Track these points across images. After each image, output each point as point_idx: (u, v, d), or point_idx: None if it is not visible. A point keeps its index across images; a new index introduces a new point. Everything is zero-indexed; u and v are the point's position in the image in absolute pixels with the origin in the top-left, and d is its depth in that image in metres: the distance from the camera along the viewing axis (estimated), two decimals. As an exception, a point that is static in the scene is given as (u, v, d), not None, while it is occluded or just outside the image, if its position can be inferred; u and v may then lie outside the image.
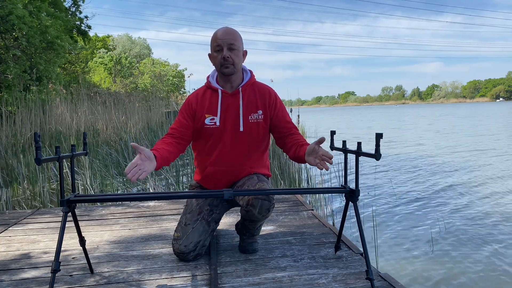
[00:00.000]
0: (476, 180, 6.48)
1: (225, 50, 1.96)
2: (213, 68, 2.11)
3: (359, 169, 1.82)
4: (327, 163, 1.72)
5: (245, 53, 2.08)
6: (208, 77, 2.14)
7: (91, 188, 4.64)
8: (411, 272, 3.03)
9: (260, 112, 2.08)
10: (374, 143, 1.64)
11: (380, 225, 4.17)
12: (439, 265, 3.15)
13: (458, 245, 3.58)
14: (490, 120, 25.73)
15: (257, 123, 2.07)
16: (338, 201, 4.98)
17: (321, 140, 1.69)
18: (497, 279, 2.90)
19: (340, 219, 2.31)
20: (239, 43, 2.00)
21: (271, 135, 2.20)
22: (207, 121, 2.05)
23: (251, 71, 2.14)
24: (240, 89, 2.06)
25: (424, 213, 4.60)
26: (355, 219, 1.76)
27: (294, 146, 1.97)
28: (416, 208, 4.85)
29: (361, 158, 1.82)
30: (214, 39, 1.99)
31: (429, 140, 13.72)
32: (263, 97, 2.09)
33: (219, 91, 2.05)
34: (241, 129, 2.04)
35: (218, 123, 2.04)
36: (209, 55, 2.07)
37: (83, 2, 13.09)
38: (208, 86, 2.10)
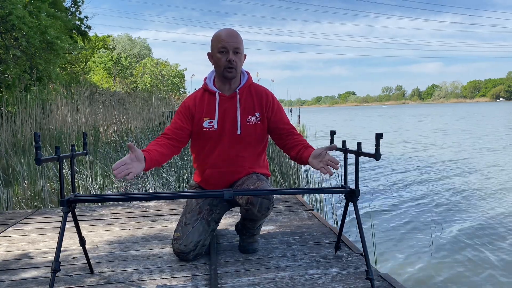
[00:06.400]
0: (476, 180, 6.48)
1: (231, 54, 1.96)
2: (211, 68, 2.11)
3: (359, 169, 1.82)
4: (331, 169, 1.74)
5: (244, 57, 2.08)
6: (205, 79, 2.13)
7: (91, 188, 4.65)
8: (411, 272, 3.03)
9: (258, 114, 2.08)
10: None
11: (380, 225, 4.17)
12: (439, 265, 3.15)
13: (458, 245, 3.58)
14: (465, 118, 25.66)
15: (254, 125, 2.07)
16: (338, 201, 4.98)
17: (332, 147, 1.74)
18: (497, 279, 2.90)
19: (340, 219, 2.31)
20: (242, 47, 2.00)
21: (269, 136, 2.20)
22: (205, 124, 2.05)
23: (248, 73, 2.14)
24: (237, 92, 2.06)
25: (424, 213, 4.60)
26: (355, 219, 1.76)
27: (297, 147, 1.97)
28: (416, 208, 4.85)
29: (360, 158, 1.82)
30: (219, 39, 1.97)
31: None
32: (260, 99, 2.09)
33: (217, 94, 2.05)
34: (239, 132, 2.04)
35: (216, 126, 2.04)
36: (208, 54, 2.06)
37: (82, 3, 13.12)
38: (205, 88, 2.09)
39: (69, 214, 1.68)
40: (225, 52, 1.96)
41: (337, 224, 4.15)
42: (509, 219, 4.31)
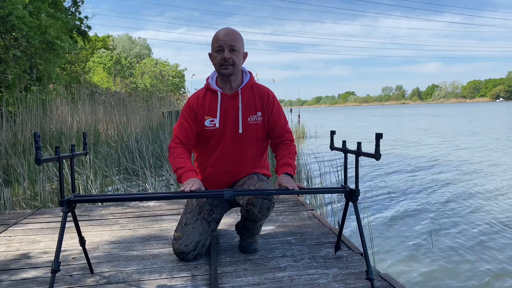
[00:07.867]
0: (477, 180, 6.48)
1: (226, 51, 1.97)
2: (213, 68, 2.12)
3: (359, 169, 1.82)
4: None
5: (245, 55, 2.09)
6: (207, 78, 2.14)
7: (91, 188, 4.65)
8: (411, 272, 3.03)
9: (259, 114, 2.09)
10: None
11: (380, 225, 4.17)
12: (439, 265, 3.15)
13: (458, 245, 3.58)
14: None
15: (256, 124, 2.08)
16: (338, 201, 4.98)
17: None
18: (496, 279, 2.90)
19: (340, 219, 2.31)
20: (240, 44, 2.00)
21: None
22: (206, 123, 2.06)
23: (250, 73, 2.15)
24: (239, 91, 2.07)
25: (423, 213, 4.60)
26: (355, 219, 1.76)
27: (278, 163, 2.07)
28: (415, 208, 4.85)
29: (360, 158, 1.82)
30: (216, 39, 2.00)
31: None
32: (262, 99, 2.10)
33: (219, 93, 2.06)
34: (240, 130, 2.05)
35: (217, 125, 2.05)
36: (209, 54, 2.08)
37: (82, 3, 13.11)
38: (207, 88, 2.11)
39: (69, 214, 1.68)
40: (221, 51, 1.99)
41: (338, 224, 4.15)
42: (510, 219, 4.31)
